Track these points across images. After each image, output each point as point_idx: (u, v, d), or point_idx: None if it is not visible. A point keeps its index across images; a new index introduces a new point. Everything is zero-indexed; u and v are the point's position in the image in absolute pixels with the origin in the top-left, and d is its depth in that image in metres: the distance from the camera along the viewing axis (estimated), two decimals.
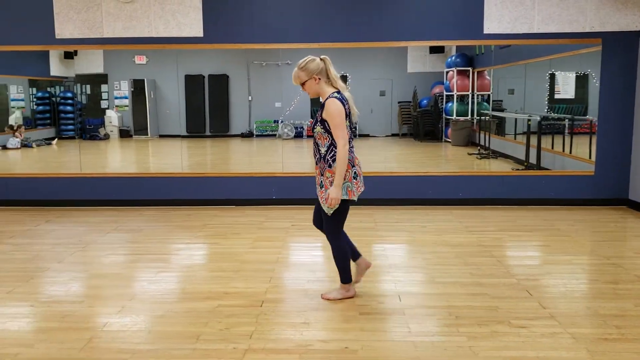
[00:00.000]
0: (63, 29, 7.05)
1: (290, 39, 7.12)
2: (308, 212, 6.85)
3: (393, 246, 5.42)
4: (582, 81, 10.87)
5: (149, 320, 3.68)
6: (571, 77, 11.29)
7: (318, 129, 3.77)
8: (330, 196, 3.66)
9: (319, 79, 3.73)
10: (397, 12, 7.04)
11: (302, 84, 3.78)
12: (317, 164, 3.88)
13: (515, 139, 11.39)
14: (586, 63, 9.88)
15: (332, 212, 3.77)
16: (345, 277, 4.02)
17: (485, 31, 7.00)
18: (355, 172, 3.79)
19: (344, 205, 3.81)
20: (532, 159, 9.23)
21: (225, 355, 3.17)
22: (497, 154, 10.92)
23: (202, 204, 7.33)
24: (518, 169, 9.02)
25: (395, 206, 7.23)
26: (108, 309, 3.86)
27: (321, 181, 3.83)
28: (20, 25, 7.08)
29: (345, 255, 3.97)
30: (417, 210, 7.03)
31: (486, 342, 3.30)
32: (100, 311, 3.83)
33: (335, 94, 3.72)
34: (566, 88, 11.59)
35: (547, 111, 11.06)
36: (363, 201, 7.17)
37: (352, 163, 3.76)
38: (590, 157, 8.23)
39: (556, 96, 11.39)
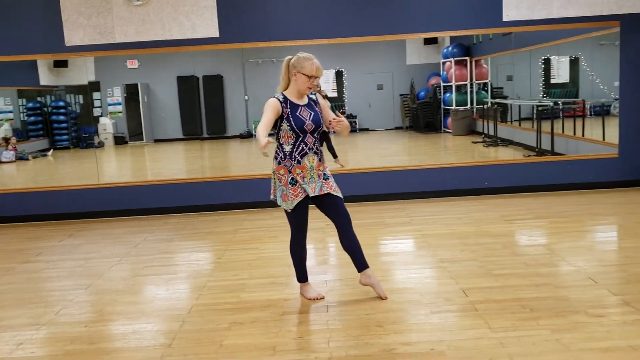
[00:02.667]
0: (72, 35, 6.85)
1: (307, 35, 7.00)
2: None
3: (436, 240, 5.33)
4: (574, 65, 10.92)
5: (217, 332, 3.54)
6: (564, 61, 11.33)
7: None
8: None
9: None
10: (413, 3, 6.95)
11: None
12: (320, 161, 3.86)
13: (520, 125, 11.40)
14: (577, 47, 9.92)
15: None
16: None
17: (505, 19, 6.93)
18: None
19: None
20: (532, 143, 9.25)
21: None
22: (505, 142, 10.91)
23: (225, 208, 7.19)
24: (530, 155, 9.00)
25: (423, 199, 7.16)
26: (171, 323, 3.72)
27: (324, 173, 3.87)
28: (29, 34, 6.87)
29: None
30: (446, 202, 6.95)
31: (572, 334, 3.22)
32: (165, 327, 3.68)
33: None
34: (560, 72, 11.63)
35: (543, 96, 11.08)
36: (391, 196, 7.19)
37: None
38: (604, 139, 8.24)
39: (551, 81, 11.44)
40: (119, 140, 13.51)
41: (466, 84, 13.42)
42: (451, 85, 13.52)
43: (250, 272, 4.76)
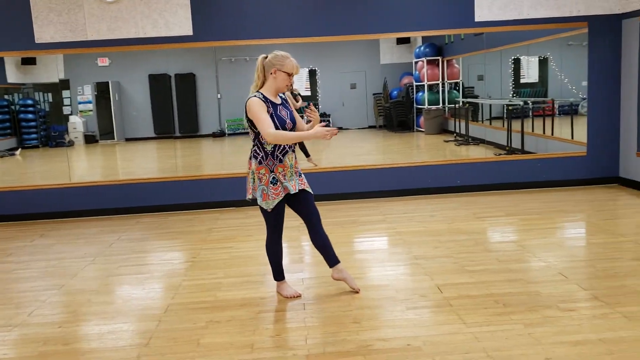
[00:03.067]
0: (43, 32, 6.74)
1: (281, 33, 7.00)
2: None
3: (410, 238, 5.39)
4: (543, 65, 11.14)
5: (194, 331, 3.53)
6: (534, 61, 11.55)
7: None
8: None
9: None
10: (386, 3, 7.00)
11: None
12: (296, 158, 3.95)
13: (490, 124, 11.57)
14: (546, 47, 10.13)
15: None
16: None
17: (477, 19, 7.03)
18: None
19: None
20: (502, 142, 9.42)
21: None
22: (476, 140, 11.06)
23: (199, 207, 7.15)
24: (501, 154, 9.15)
25: (397, 197, 7.22)
26: (147, 323, 3.70)
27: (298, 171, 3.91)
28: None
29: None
30: (420, 200, 7.03)
31: (543, 328, 3.30)
32: (141, 326, 3.66)
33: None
34: (530, 72, 11.86)
35: (513, 95, 11.28)
36: (365, 194, 7.24)
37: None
38: (572, 138, 8.43)
39: (521, 80, 11.65)
40: (90, 139, 13.33)
41: (438, 84, 13.59)
42: (423, 85, 13.67)
43: (225, 271, 4.75)
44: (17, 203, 7.07)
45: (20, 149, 12.37)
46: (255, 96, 3.73)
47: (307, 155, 8.28)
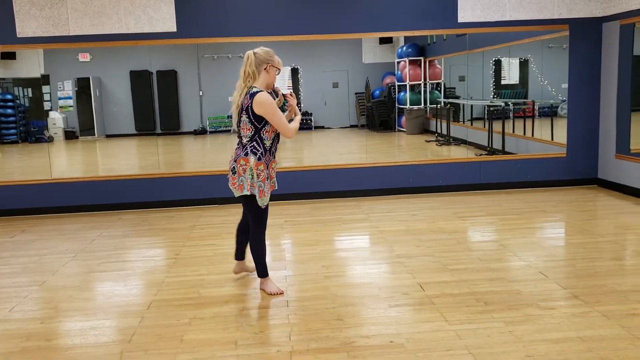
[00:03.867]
0: (25, 27, 6.66)
1: (265, 31, 7.00)
2: (295, 208, 6.83)
3: (392, 237, 5.43)
4: (523, 67, 11.28)
5: (177, 328, 3.53)
6: (515, 63, 11.70)
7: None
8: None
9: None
10: (370, 3, 7.04)
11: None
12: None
13: (472, 125, 11.69)
14: (527, 49, 10.27)
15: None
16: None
17: (460, 20, 7.10)
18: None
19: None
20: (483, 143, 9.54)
21: (272, 359, 3.09)
22: (457, 141, 11.16)
23: (180, 204, 7.12)
24: (482, 154, 9.25)
25: (379, 196, 7.26)
26: (130, 319, 3.68)
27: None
28: None
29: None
30: (401, 199, 7.08)
31: (524, 326, 3.35)
32: (124, 323, 3.64)
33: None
34: (510, 74, 12.00)
35: (494, 96, 11.41)
36: (347, 193, 7.27)
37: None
38: (552, 139, 8.55)
39: (502, 82, 11.79)
40: (70, 135, 13.17)
41: (420, 84, 13.68)
42: (405, 85, 13.75)
43: (208, 268, 4.74)
44: None
45: None
46: (262, 91, 3.73)
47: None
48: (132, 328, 3.55)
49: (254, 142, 3.79)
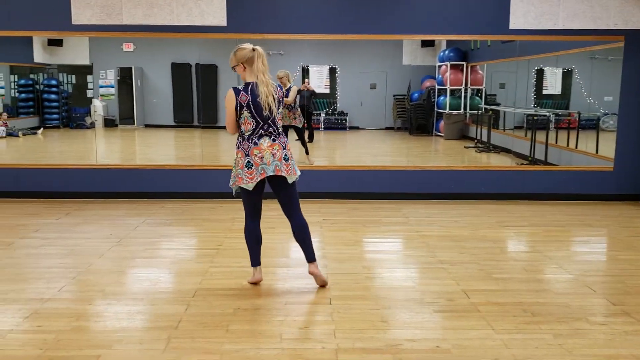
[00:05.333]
0: (80, 14, 6.79)
1: (313, 29, 7.01)
2: (333, 206, 6.82)
3: (434, 242, 5.38)
4: (566, 77, 11.07)
5: (222, 317, 3.56)
6: (558, 73, 11.49)
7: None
8: None
9: (245, 67, 3.84)
10: (425, 5, 6.99)
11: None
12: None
13: (514, 132, 11.50)
14: (571, 59, 10.08)
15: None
16: (251, 260, 4.14)
17: (511, 27, 7.00)
18: (249, 162, 3.86)
19: (243, 191, 3.98)
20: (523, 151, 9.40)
21: (317, 356, 3.09)
22: (497, 148, 11.03)
23: (221, 196, 7.16)
24: (523, 164, 9.12)
25: (418, 200, 7.20)
26: (177, 306, 3.73)
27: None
28: (36, 10, 6.79)
29: (248, 238, 4.11)
30: (441, 205, 7.01)
31: (574, 340, 3.29)
32: (170, 309, 3.69)
33: (241, 86, 3.86)
34: (553, 83, 11.78)
35: (534, 105, 11.23)
36: (385, 195, 7.24)
37: (246, 152, 3.86)
38: (597, 152, 8.37)
39: (543, 91, 11.58)
40: (109, 123, 13.40)
41: (461, 89, 13.55)
42: (446, 89, 13.63)
43: (249, 260, 4.76)
44: (44, 181, 7.15)
45: (42, 129, 12.47)
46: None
47: (306, 152, 8.67)
48: (178, 315, 3.59)
49: (238, 136, 3.98)
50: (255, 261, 4.14)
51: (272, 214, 6.33)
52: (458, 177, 7.36)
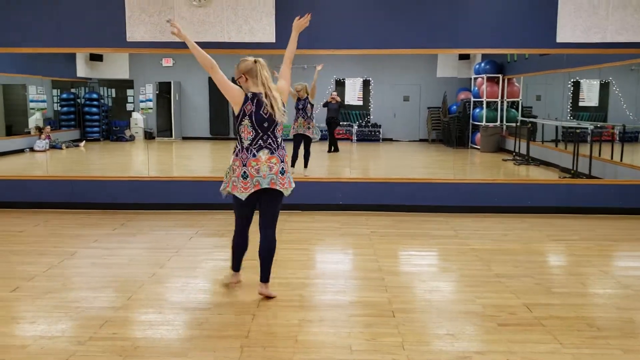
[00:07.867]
0: (134, 32, 7.00)
1: (354, 44, 7.12)
2: (378, 219, 6.87)
3: (487, 255, 5.38)
4: (603, 89, 10.96)
5: (289, 328, 3.63)
6: (595, 85, 11.38)
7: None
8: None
9: (247, 78, 4.01)
10: (466, 19, 7.04)
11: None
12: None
13: (556, 146, 11.34)
14: (608, 71, 9.99)
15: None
16: (232, 264, 4.31)
17: (559, 40, 7.01)
18: (245, 172, 3.92)
19: (235, 199, 4.04)
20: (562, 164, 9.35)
21: None
22: (535, 161, 10.97)
23: None
24: (565, 177, 9.06)
25: (464, 213, 7.21)
26: (243, 316, 3.82)
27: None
28: (93, 28, 7.01)
29: (234, 246, 4.28)
30: (488, 218, 7.01)
31: None
32: (237, 319, 3.78)
33: (249, 93, 3.98)
34: (590, 96, 11.65)
35: (571, 118, 11.13)
36: (435, 208, 7.26)
37: (244, 162, 3.93)
38: None
39: (580, 103, 11.47)
40: (147, 135, 13.69)
41: (497, 101, 13.53)
42: (482, 101, 13.62)
43: (305, 272, 4.87)
44: (96, 192, 7.34)
45: (84, 141, 12.80)
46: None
47: (305, 165, 8.91)
48: (247, 324, 3.67)
49: (237, 140, 4.05)
50: (236, 267, 4.33)
51: (316, 225, 6.41)
52: (500, 190, 7.35)
